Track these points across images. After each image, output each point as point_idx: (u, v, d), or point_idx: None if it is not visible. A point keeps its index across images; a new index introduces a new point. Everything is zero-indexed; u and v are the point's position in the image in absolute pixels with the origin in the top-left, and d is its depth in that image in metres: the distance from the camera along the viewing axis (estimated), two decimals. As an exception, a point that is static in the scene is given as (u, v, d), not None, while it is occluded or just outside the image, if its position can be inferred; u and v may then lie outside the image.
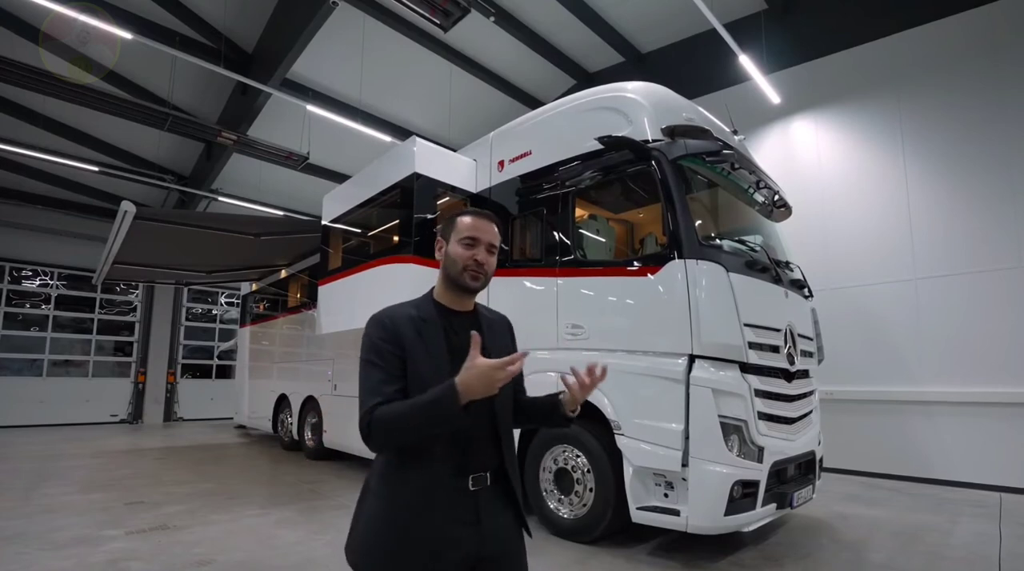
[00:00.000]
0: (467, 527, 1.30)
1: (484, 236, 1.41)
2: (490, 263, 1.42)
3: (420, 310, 1.41)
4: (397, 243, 5.14)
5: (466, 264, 1.39)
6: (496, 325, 1.54)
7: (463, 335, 1.36)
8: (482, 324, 1.45)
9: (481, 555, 1.32)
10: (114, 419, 13.88)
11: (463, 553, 1.29)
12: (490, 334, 1.43)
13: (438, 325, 1.39)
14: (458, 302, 1.46)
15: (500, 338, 1.51)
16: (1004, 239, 6.00)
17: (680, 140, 3.80)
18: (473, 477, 1.33)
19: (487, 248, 1.41)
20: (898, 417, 6.43)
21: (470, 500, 1.32)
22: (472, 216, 1.44)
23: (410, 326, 1.36)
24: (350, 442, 6.81)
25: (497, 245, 1.46)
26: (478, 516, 1.32)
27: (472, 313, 1.49)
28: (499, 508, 1.37)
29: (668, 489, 3.43)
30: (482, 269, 1.40)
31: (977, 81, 6.34)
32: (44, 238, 13.31)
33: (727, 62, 7.58)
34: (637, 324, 3.71)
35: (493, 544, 1.34)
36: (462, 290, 1.43)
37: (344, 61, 9.31)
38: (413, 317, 1.38)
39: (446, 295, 1.46)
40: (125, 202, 6.47)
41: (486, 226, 1.43)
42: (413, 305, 1.43)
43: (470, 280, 1.40)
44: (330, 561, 3.52)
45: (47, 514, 4.66)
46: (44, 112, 10.04)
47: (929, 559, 3.59)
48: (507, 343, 1.54)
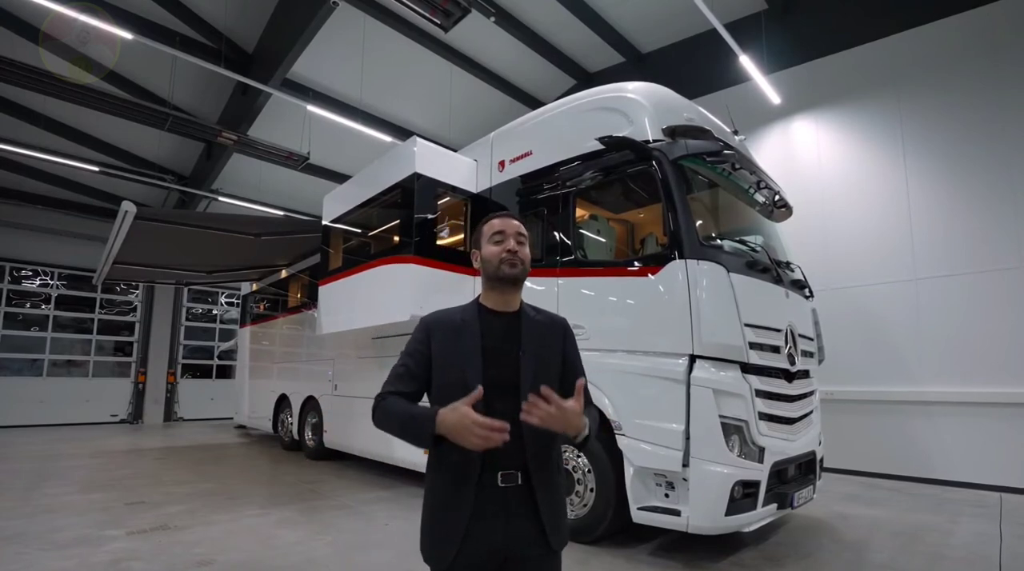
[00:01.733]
0: (493, 523, 1.33)
1: (510, 229, 1.48)
2: (523, 252, 1.47)
3: (464, 313, 1.48)
4: (398, 243, 5.15)
5: (501, 256, 1.44)
6: (542, 327, 1.50)
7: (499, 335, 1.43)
8: (523, 325, 1.47)
9: (509, 553, 1.34)
10: (114, 419, 13.88)
11: (489, 548, 1.33)
12: (530, 336, 1.46)
13: (476, 326, 1.44)
14: (502, 302, 1.49)
15: (544, 341, 1.48)
16: (1004, 239, 6.00)
17: (681, 140, 3.81)
18: (503, 474, 1.35)
19: (516, 239, 1.47)
20: (898, 417, 6.44)
21: (499, 496, 1.34)
22: (496, 217, 1.53)
23: (448, 328, 1.46)
24: (350, 442, 6.82)
25: (525, 236, 1.51)
26: (506, 513, 1.34)
27: (515, 314, 1.49)
28: (530, 509, 1.37)
29: (669, 489, 3.43)
30: (516, 257, 1.45)
31: (977, 81, 6.34)
32: (44, 238, 13.31)
33: (727, 62, 7.58)
34: (638, 324, 3.71)
35: (520, 543, 1.35)
36: (504, 283, 1.46)
37: (344, 61, 9.31)
38: (455, 320, 1.47)
39: (491, 296, 1.50)
40: (125, 202, 6.47)
41: (510, 221, 1.51)
42: (460, 308, 1.51)
43: (508, 268, 1.44)
44: (331, 561, 3.52)
45: (48, 514, 4.66)
46: (44, 112, 10.04)
47: (930, 559, 3.59)
48: (554, 347, 1.50)
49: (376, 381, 1.50)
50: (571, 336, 1.57)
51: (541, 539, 1.37)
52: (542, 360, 1.45)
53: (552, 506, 1.40)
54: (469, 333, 1.43)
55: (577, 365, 1.55)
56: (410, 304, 4.72)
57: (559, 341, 1.52)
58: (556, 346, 1.51)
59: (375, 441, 6.10)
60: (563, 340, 1.53)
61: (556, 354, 1.50)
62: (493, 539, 1.33)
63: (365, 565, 3.51)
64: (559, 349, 1.51)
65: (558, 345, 1.51)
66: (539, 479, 1.38)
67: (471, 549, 1.32)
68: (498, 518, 1.34)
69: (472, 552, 1.32)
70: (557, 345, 1.51)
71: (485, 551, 1.32)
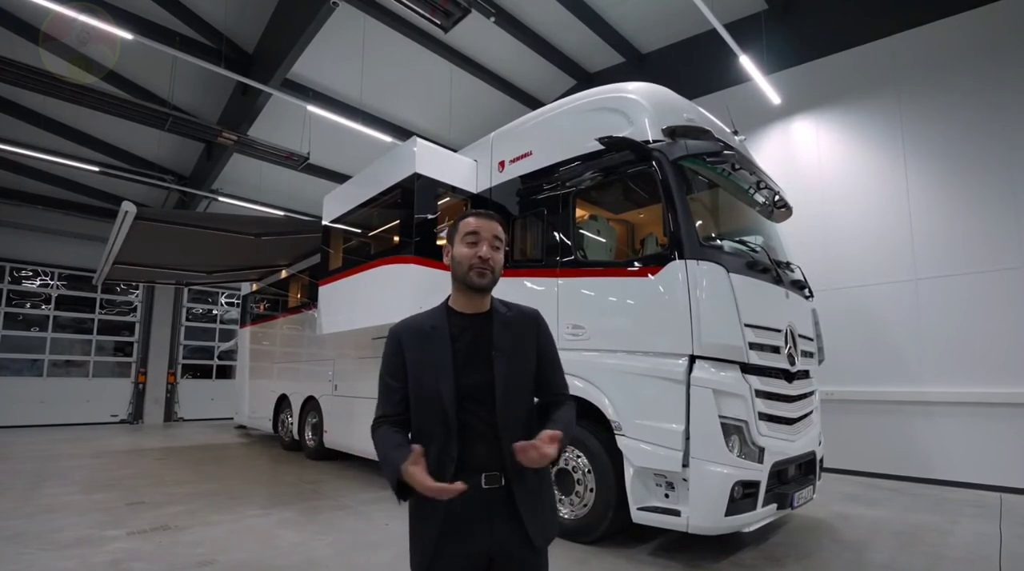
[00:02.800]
0: (477, 524, 1.34)
1: (486, 232, 1.42)
2: (495, 258, 1.42)
3: (432, 318, 1.45)
4: (398, 243, 5.15)
5: (471, 262, 1.40)
6: (515, 323, 1.48)
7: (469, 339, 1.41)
8: (494, 324, 1.45)
9: (493, 554, 1.34)
10: (114, 419, 13.88)
11: (474, 549, 1.33)
12: (502, 336, 1.43)
13: (445, 332, 1.42)
14: (471, 304, 1.46)
15: (517, 339, 1.45)
16: (1004, 239, 6.00)
17: (681, 141, 3.81)
18: (486, 475, 1.35)
19: (490, 244, 1.42)
20: (898, 417, 6.44)
21: (482, 497, 1.34)
22: (473, 216, 1.46)
23: (417, 336, 1.43)
24: (351, 442, 6.82)
25: (502, 240, 1.46)
26: (489, 515, 1.34)
27: (486, 314, 1.47)
28: (512, 511, 1.36)
29: (669, 489, 3.44)
30: (487, 265, 1.40)
31: (977, 81, 6.34)
32: (45, 238, 13.31)
33: (727, 62, 7.58)
34: (638, 324, 3.71)
35: (505, 545, 1.35)
36: (471, 290, 1.43)
37: (344, 61, 9.31)
38: (423, 326, 1.44)
39: (459, 299, 1.47)
40: (126, 202, 6.48)
41: (487, 223, 1.44)
42: (428, 314, 1.48)
43: (476, 277, 1.40)
44: (331, 561, 3.52)
45: (48, 514, 4.67)
46: (44, 112, 10.05)
47: (930, 559, 3.59)
48: (528, 342, 1.48)
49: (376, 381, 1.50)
50: (544, 328, 1.54)
51: (525, 540, 1.36)
52: (516, 360, 1.43)
53: (533, 508, 1.38)
54: (439, 340, 1.40)
55: (552, 357, 1.53)
56: (410, 304, 4.71)
57: (532, 336, 1.49)
58: (530, 341, 1.48)
59: (375, 441, 6.09)
60: (536, 334, 1.50)
61: (531, 350, 1.47)
62: (478, 541, 1.33)
63: (366, 565, 3.51)
64: (533, 344, 1.48)
65: (531, 340, 1.49)
66: (519, 482, 1.37)
67: (456, 550, 1.32)
68: (482, 520, 1.34)
69: (457, 553, 1.32)
70: (531, 340, 1.48)
71: (470, 552, 1.33)
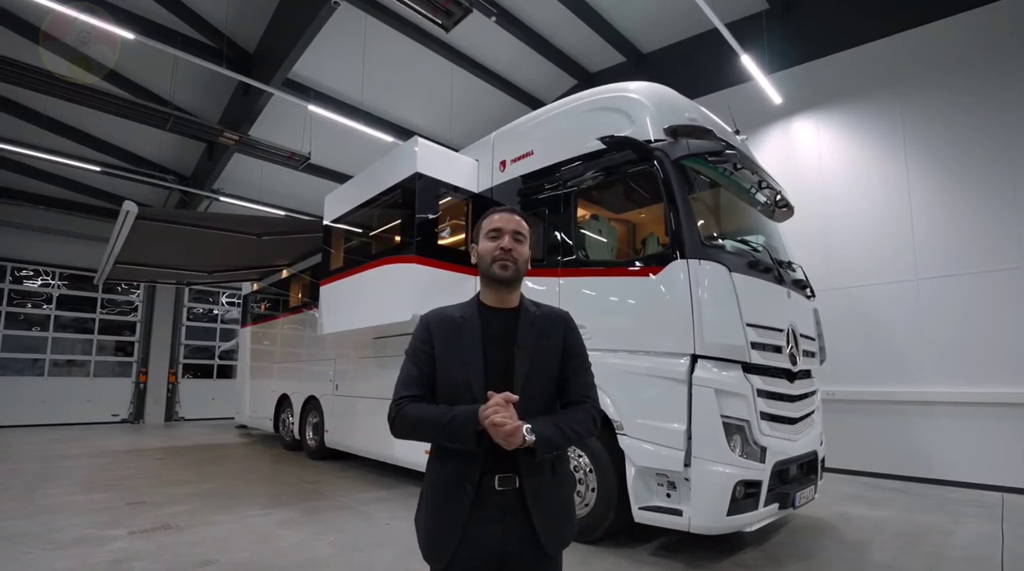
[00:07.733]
0: (490, 525, 1.34)
1: (508, 226, 1.45)
2: (519, 250, 1.44)
3: (463, 310, 1.47)
4: (399, 243, 5.15)
5: (494, 255, 1.42)
6: (542, 323, 1.47)
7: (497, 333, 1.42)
8: (521, 322, 1.45)
9: (506, 555, 1.34)
10: (115, 419, 13.88)
11: (486, 550, 1.33)
12: (530, 332, 1.44)
13: (476, 323, 1.43)
14: (499, 299, 1.48)
15: (543, 337, 1.45)
16: (1005, 239, 6.00)
17: (682, 140, 3.80)
18: (500, 477, 1.35)
19: (513, 237, 1.44)
20: (900, 417, 6.43)
21: (496, 499, 1.34)
22: (495, 212, 1.50)
23: (448, 326, 1.45)
24: (351, 442, 6.82)
25: (525, 234, 1.48)
26: (503, 516, 1.35)
27: (515, 310, 1.48)
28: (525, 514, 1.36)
29: (670, 489, 3.43)
30: (509, 256, 1.42)
31: (978, 81, 6.33)
32: (46, 238, 13.31)
33: (728, 62, 7.58)
34: (639, 324, 3.71)
35: (517, 546, 1.34)
36: (496, 283, 1.44)
37: (345, 61, 9.31)
38: (455, 317, 1.45)
39: (487, 294, 1.49)
40: (127, 202, 6.49)
41: (509, 217, 1.47)
42: (459, 306, 1.50)
43: (499, 270, 1.42)
44: (332, 561, 3.52)
45: (49, 514, 4.66)
46: (46, 112, 10.05)
47: (932, 559, 3.58)
48: (554, 341, 1.47)
49: (377, 381, 1.51)
50: (573, 327, 1.53)
51: (536, 544, 1.36)
52: (538, 357, 1.42)
53: (546, 512, 1.37)
54: (469, 331, 1.42)
55: (579, 359, 1.51)
56: (411, 304, 4.72)
57: (560, 334, 1.49)
58: (556, 340, 1.47)
59: (376, 441, 6.10)
60: (564, 332, 1.50)
61: (556, 348, 1.46)
62: (491, 541, 1.33)
63: (366, 565, 3.51)
64: (559, 343, 1.47)
65: (558, 339, 1.48)
66: (531, 484, 1.36)
67: (469, 551, 1.32)
68: (495, 521, 1.34)
69: (470, 554, 1.32)
70: (557, 339, 1.47)
71: (483, 552, 1.33)
